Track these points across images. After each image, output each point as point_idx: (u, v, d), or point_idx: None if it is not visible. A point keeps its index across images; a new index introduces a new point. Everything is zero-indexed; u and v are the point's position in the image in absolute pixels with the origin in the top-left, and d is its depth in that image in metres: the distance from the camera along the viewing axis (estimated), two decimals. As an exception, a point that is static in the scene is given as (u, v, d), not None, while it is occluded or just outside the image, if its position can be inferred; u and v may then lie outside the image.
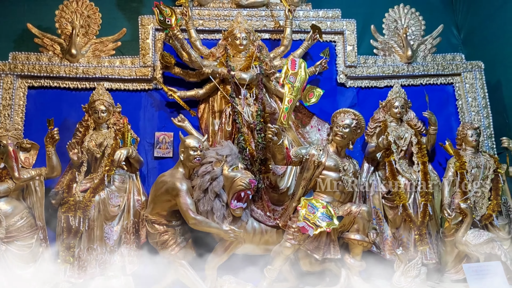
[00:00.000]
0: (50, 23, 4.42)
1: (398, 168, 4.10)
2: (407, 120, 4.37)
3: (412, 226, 3.93)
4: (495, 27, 4.96)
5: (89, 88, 4.29)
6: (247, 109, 4.06)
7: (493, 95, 4.75)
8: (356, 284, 3.54)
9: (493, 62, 4.84)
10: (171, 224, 3.70)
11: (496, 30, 4.95)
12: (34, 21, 4.40)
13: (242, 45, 4.24)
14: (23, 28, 4.40)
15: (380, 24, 4.95)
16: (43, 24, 4.44)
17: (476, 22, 5.23)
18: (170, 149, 4.29)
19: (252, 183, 3.63)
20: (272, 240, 3.83)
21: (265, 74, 4.23)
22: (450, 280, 3.87)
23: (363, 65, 4.68)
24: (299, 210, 3.61)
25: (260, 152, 3.91)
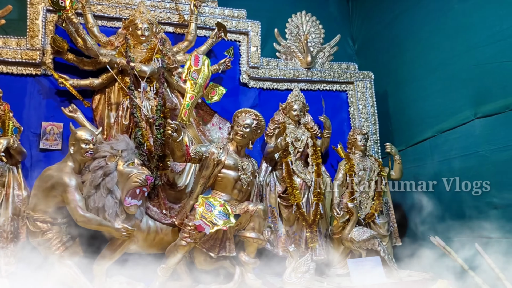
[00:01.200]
0: None
1: (294, 168, 4.27)
2: (304, 123, 4.57)
3: (305, 224, 4.12)
4: (385, 41, 5.41)
5: (-37, 68, 3.81)
6: (147, 103, 3.92)
7: (381, 104, 5.17)
8: (249, 281, 3.60)
9: (382, 74, 5.27)
10: (56, 221, 3.41)
11: (386, 43, 5.40)
12: None
13: (144, 36, 4.07)
14: None
15: (283, 29, 5.10)
16: None
17: (369, 35, 5.66)
18: (59, 141, 3.98)
19: (149, 179, 3.51)
20: (168, 238, 3.74)
21: (167, 68, 4.12)
22: (336, 275, 4.11)
23: (266, 67, 4.79)
24: (197, 208, 3.56)
25: (159, 148, 3.79)
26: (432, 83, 4.66)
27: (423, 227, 4.66)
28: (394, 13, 5.25)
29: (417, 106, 4.88)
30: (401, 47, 5.14)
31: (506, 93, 3.81)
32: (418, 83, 4.87)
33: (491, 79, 3.96)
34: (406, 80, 5.04)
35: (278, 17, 5.20)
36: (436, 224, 4.46)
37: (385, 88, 5.30)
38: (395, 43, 5.25)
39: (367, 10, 5.73)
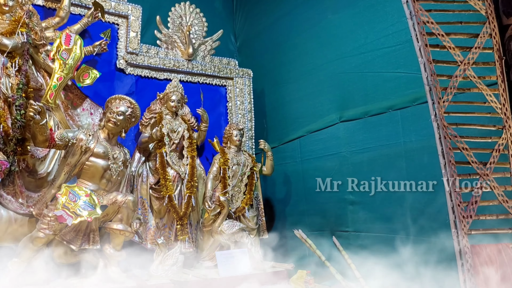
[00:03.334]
0: None
1: (168, 160, 4.23)
2: (181, 114, 4.55)
3: (176, 216, 4.12)
4: (265, 41, 5.63)
5: None
6: (6, 80, 3.51)
7: (258, 101, 5.38)
8: (113, 275, 3.47)
9: (261, 72, 5.49)
10: None
11: (266, 43, 5.63)
12: None
13: (7, 6, 3.62)
14: None
15: (166, 17, 5.00)
16: None
17: (251, 34, 5.84)
18: None
19: (3, 165, 3.18)
20: (23, 229, 3.44)
21: (33, 44, 3.73)
22: (204, 267, 4.20)
23: (145, 54, 4.65)
24: (59, 197, 3.33)
25: (17, 130, 3.43)
26: (305, 86, 4.99)
27: (290, 221, 5.00)
28: (275, 16, 5.49)
29: (291, 106, 5.18)
30: (280, 48, 5.40)
31: (366, 101, 4.24)
32: (293, 85, 5.17)
33: (354, 87, 4.38)
34: (282, 80, 5.32)
35: (161, 5, 5.08)
36: (301, 219, 4.81)
37: (262, 86, 5.53)
38: (274, 44, 5.50)
39: (250, 9, 5.91)
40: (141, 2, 4.68)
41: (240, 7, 6.02)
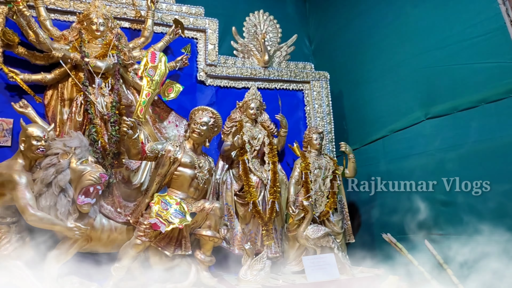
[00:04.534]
0: None
1: (250, 166, 4.32)
2: (261, 121, 4.63)
3: (260, 222, 4.18)
4: (341, 42, 5.55)
5: None
6: (101, 100, 3.84)
7: (336, 103, 5.31)
8: (205, 279, 3.62)
9: (338, 74, 5.42)
10: (4, 221, 3.30)
11: (342, 44, 5.54)
12: None
13: (99, 31, 3.99)
14: None
15: (241, 27, 5.14)
16: None
17: (326, 35, 5.79)
18: (9, 137, 3.83)
19: (103, 177, 3.44)
20: (122, 237, 3.69)
21: (122, 64, 4.05)
22: (291, 272, 4.20)
23: (223, 65, 4.81)
24: (152, 206, 3.55)
25: (113, 145, 3.73)
26: (386, 84, 4.83)
27: (376, 224, 4.84)
28: (350, 15, 5.40)
29: (371, 106, 5.05)
30: (356, 48, 5.30)
31: (454, 95, 4.00)
32: (372, 84, 5.04)
33: (440, 82, 4.15)
34: (360, 80, 5.20)
35: (236, 15, 5.23)
36: (388, 222, 4.64)
37: (340, 88, 5.45)
38: (350, 44, 5.40)
39: (324, 11, 5.86)
40: (217, 15, 4.85)
41: (313, 10, 6.00)
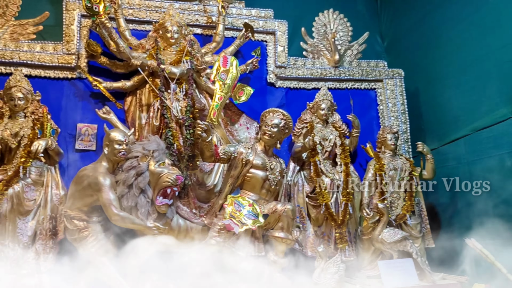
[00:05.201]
0: (-41, 0, 4.05)
1: (322, 168, 4.26)
2: (332, 122, 4.55)
3: (333, 224, 4.10)
4: (415, 38, 5.31)
5: (4, 73, 3.99)
6: (176, 104, 4.00)
7: (411, 101, 5.08)
8: (278, 281, 3.62)
9: (413, 71, 5.18)
10: (91, 220, 3.54)
11: (416, 40, 5.30)
12: None
13: (173, 38, 4.15)
14: None
15: (310, 27, 5.10)
16: (-50, 0, 4.05)
17: (399, 31, 5.57)
18: (93, 141, 4.10)
19: (179, 179, 3.59)
20: (198, 237, 3.81)
21: (195, 70, 4.18)
22: (366, 276, 4.07)
23: (293, 66, 4.79)
24: (226, 207, 3.63)
25: (188, 148, 3.87)
26: (466, 80, 4.55)
27: (458, 228, 4.55)
28: (426, 9, 5.15)
29: (450, 103, 4.77)
30: (432, 43, 5.04)
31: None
32: (450, 80, 4.76)
33: (527, 76, 3.84)
34: (438, 77, 4.94)
35: (304, 16, 5.20)
36: (471, 225, 4.35)
37: (416, 85, 5.20)
38: (426, 39, 5.14)
39: (396, 6, 5.64)
40: (286, 17, 4.85)
41: (385, 6, 5.80)
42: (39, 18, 4.20)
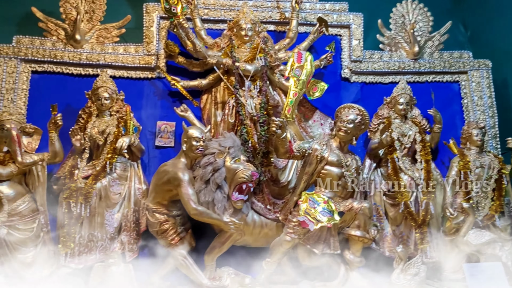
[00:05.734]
0: (55, 7, 4.34)
1: (400, 165, 4.08)
2: (411, 117, 4.34)
3: (413, 224, 3.93)
4: (503, 26, 4.91)
5: (92, 74, 4.25)
6: (251, 101, 4.04)
7: (499, 94, 4.71)
8: (355, 280, 3.55)
9: (500, 61, 4.80)
10: (171, 213, 3.70)
11: (504, 28, 4.90)
12: (38, 4, 4.32)
13: (248, 36, 4.19)
14: (27, 11, 4.32)
15: (387, 19, 4.89)
16: (47, 8, 4.35)
17: (484, 19, 5.18)
18: (172, 138, 4.26)
19: (254, 175, 3.62)
20: (272, 233, 3.83)
21: (269, 66, 4.20)
22: (449, 279, 3.85)
23: (369, 60, 4.64)
24: (300, 204, 3.62)
25: (263, 144, 3.90)
26: None
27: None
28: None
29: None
30: (523, 31, 4.64)
31: None
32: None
33: None
34: (529, 67, 4.54)
35: (381, 8, 4.99)
36: None
37: (505, 76, 4.82)
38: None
39: (482, -8, 5.25)
40: (361, 9, 4.70)
41: (468, -7, 5.42)
42: (122, 21, 4.44)
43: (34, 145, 3.77)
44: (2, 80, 4.06)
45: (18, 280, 3.46)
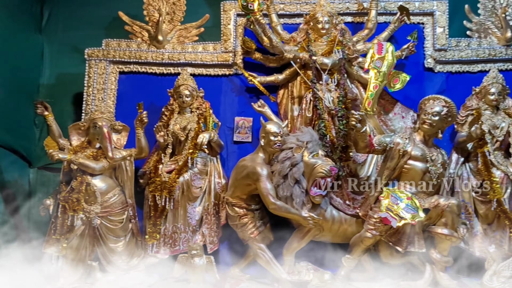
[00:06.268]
0: (139, 11, 4.57)
1: (492, 160, 3.80)
2: (504, 108, 4.02)
3: (508, 223, 3.64)
4: None
5: (173, 73, 4.41)
6: (328, 95, 3.98)
7: None
8: (442, 281, 3.37)
9: None
10: (250, 207, 3.76)
11: None
12: (124, 9, 4.55)
13: (324, 29, 4.12)
14: (114, 16, 4.59)
15: (474, 4, 4.56)
16: (132, 12, 4.58)
17: None
18: (249, 134, 4.32)
19: (333, 170, 3.57)
20: (351, 229, 3.76)
21: (347, 59, 4.09)
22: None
23: (455, 48, 4.35)
24: (381, 200, 3.50)
25: (341, 139, 3.83)
26: None
27: None
28: None
29: None
30: None
31: None
32: None
33: None
34: None
35: (466, -8, 4.67)
36: None
37: None
38: None
39: None
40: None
41: None
42: (201, 21, 4.56)
43: (123, 141, 4.02)
44: (94, 81, 4.35)
45: (110, 267, 3.71)
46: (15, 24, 4.41)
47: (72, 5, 4.89)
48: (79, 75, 4.45)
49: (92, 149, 3.83)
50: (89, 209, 3.64)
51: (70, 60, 4.73)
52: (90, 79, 4.36)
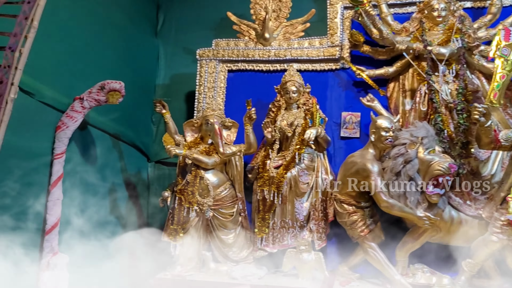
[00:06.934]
0: (245, 10, 4.68)
1: None
2: None
3: None
4: None
5: (280, 70, 4.45)
6: (445, 87, 3.72)
7: None
8: None
9: None
10: (360, 205, 3.66)
11: None
12: (231, 9, 4.70)
13: (441, 16, 3.85)
14: (222, 16, 4.75)
15: None
16: (239, 11, 4.71)
17: None
18: (357, 129, 4.20)
19: (452, 168, 3.32)
20: (473, 231, 3.46)
21: (467, 48, 3.78)
22: None
23: None
24: (509, 201, 3.18)
25: (461, 134, 3.55)
26: None
27: None
28: None
29: None
30: None
31: None
32: None
33: None
34: None
35: None
36: None
37: None
38: None
39: None
40: None
41: None
42: (307, 16, 4.53)
43: (232, 137, 4.16)
44: (204, 80, 4.55)
45: (222, 258, 3.87)
46: (135, 29, 4.77)
47: (184, 8, 5.18)
48: (191, 74, 4.69)
49: (205, 144, 4.02)
50: (203, 201, 3.82)
51: (182, 61, 5.02)
52: (201, 78, 4.56)
